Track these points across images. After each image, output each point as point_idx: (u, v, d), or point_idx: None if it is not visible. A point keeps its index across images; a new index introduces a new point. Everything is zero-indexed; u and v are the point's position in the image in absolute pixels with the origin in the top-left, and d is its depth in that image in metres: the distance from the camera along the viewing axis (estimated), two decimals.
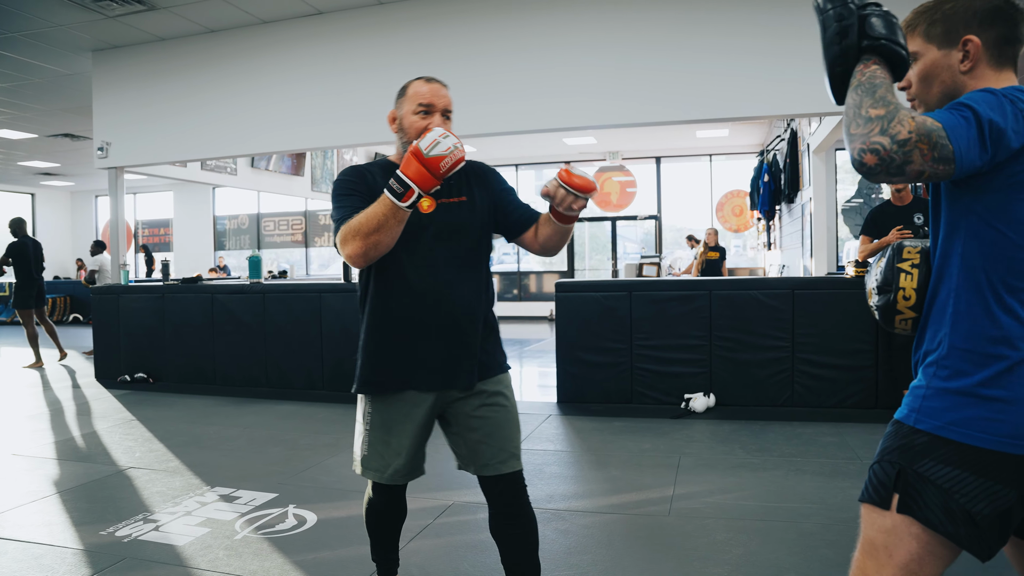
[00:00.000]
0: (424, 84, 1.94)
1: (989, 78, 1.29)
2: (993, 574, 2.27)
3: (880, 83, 1.19)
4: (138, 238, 16.25)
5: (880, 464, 1.29)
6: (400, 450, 1.95)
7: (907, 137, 1.10)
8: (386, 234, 1.73)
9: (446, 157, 1.65)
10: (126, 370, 6.73)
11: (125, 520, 3.14)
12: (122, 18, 6.34)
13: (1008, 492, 1.18)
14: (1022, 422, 1.17)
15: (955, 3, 1.30)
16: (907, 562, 1.23)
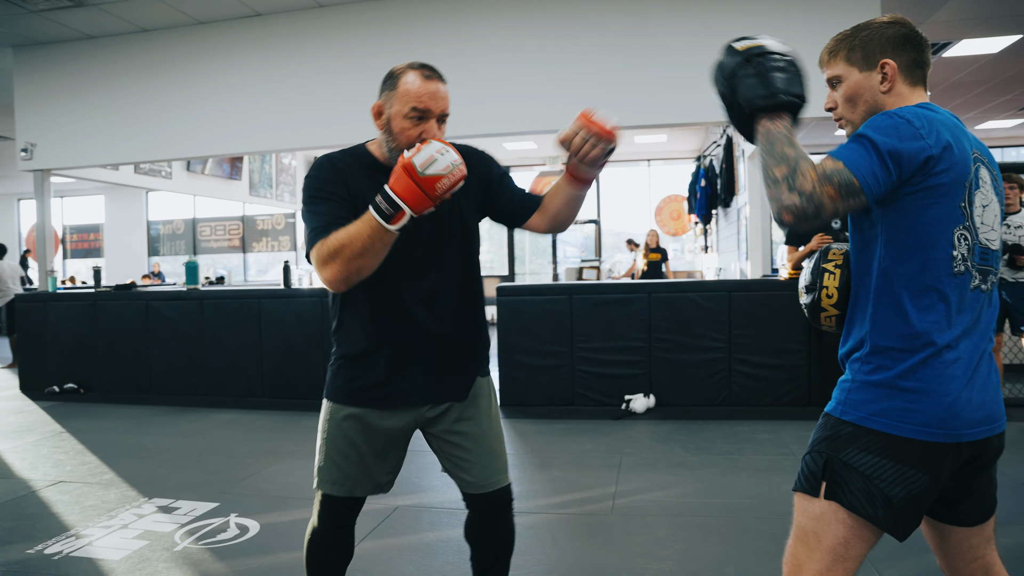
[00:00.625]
0: (421, 80, 1.66)
1: (905, 96, 1.43)
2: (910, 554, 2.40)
3: (775, 139, 1.32)
4: (66, 243, 15.64)
5: (811, 455, 1.39)
6: (360, 463, 1.77)
7: (812, 189, 1.24)
8: (372, 258, 1.53)
9: (444, 178, 1.44)
10: (54, 381, 6.47)
11: (55, 536, 3.04)
12: (46, 13, 6.11)
13: (921, 476, 1.29)
14: (934, 412, 1.29)
15: (870, 31, 1.44)
16: (834, 546, 1.33)
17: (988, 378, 1.36)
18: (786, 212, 1.26)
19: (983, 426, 1.33)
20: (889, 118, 1.30)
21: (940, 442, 1.29)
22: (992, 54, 7.75)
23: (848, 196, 1.26)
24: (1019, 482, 3.52)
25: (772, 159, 1.30)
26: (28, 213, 17.09)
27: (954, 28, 6.90)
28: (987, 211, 1.37)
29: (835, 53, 1.48)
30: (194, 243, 14.38)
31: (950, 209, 1.30)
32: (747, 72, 1.38)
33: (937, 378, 1.29)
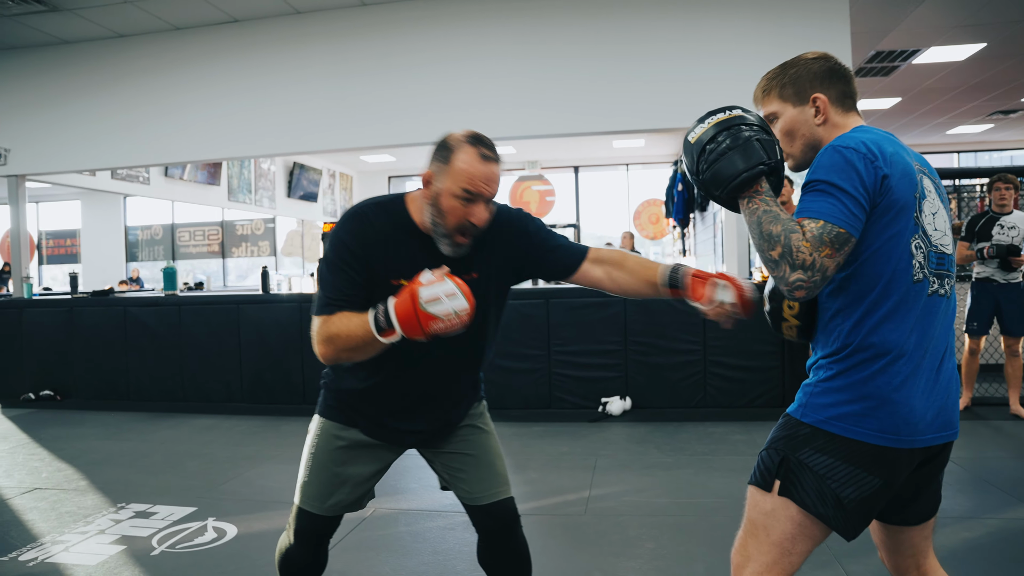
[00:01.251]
0: (480, 162, 1.60)
1: (839, 124, 1.49)
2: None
3: (760, 215, 1.36)
4: (43, 249, 15.48)
5: (768, 451, 1.45)
6: (347, 481, 1.80)
7: (810, 258, 1.29)
8: (361, 355, 1.57)
9: (440, 320, 1.44)
10: (30, 388, 6.43)
11: (30, 543, 3.04)
12: (20, 18, 6.09)
13: (873, 479, 1.35)
14: (890, 419, 1.34)
15: (798, 68, 1.51)
16: (781, 540, 1.39)
17: (947, 385, 1.41)
18: (798, 291, 1.30)
19: (939, 433, 1.38)
20: (837, 153, 1.34)
21: (894, 447, 1.34)
22: (959, 61, 7.93)
23: (842, 246, 1.30)
24: (981, 478, 3.62)
25: (765, 243, 1.33)
26: (3, 219, 16.90)
27: (922, 36, 7.06)
28: (937, 218, 1.42)
29: (768, 91, 1.54)
30: (173, 248, 14.28)
31: (905, 221, 1.36)
32: (715, 155, 1.40)
33: (894, 386, 1.34)
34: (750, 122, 1.42)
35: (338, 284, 1.63)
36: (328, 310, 1.60)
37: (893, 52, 7.55)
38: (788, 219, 1.33)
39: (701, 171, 1.42)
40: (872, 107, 10.15)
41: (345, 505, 1.82)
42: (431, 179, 1.66)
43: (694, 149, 1.43)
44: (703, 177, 1.42)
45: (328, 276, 1.64)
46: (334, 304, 1.60)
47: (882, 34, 6.95)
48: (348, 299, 1.61)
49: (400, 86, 6.06)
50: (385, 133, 6.17)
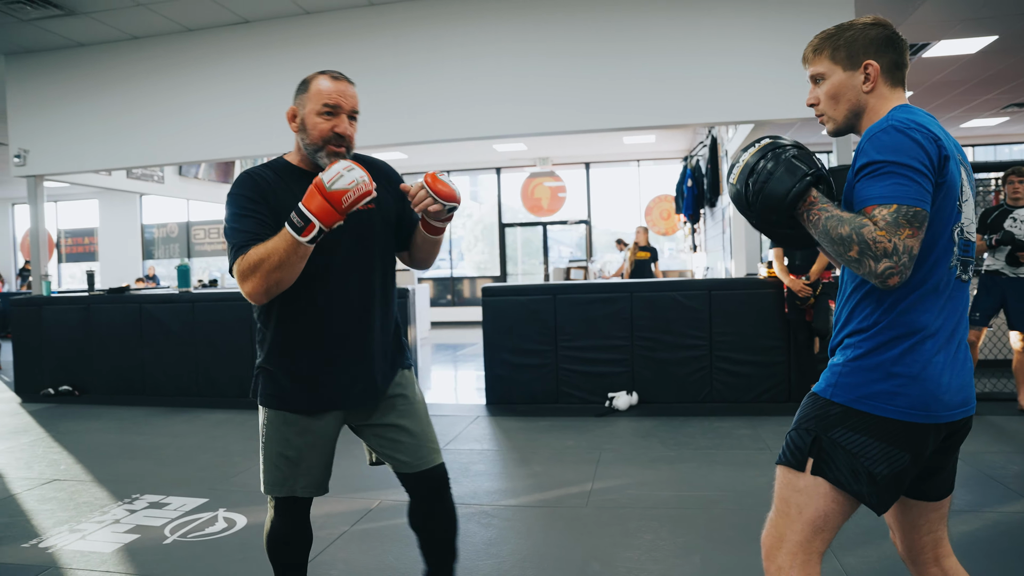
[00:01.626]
0: (330, 81, 1.80)
1: (886, 96, 1.49)
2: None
3: (824, 223, 1.38)
4: (61, 247, 15.71)
5: (797, 431, 1.48)
6: (300, 463, 1.87)
7: (891, 244, 1.29)
8: (288, 271, 1.65)
9: (349, 191, 1.56)
10: (50, 383, 6.58)
11: (49, 532, 3.15)
12: (38, 22, 6.21)
13: (903, 455, 1.39)
14: (919, 396, 1.38)
15: (854, 31, 1.49)
16: (815, 518, 1.43)
17: (965, 363, 1.45)
18: (889, 276, 1.30)
19: (961, 408, 1.42)
20: (900, 134, 1.34)
21: (923, 423, 1.38)
22: (970, 54, 7.88)
23: (921, 225, 1.31)
24: (984, 473, 3.65)
25: (840, 247, 1.34)
26: (23, 218, 17.15)
27: (931, 29, 7.03)
28: (966, 205, 1.45)
29: (819, 51, 1.52)
30: (188, 246, 14.46)
31: (952, 206, 1.39)
32: (757, 185, 1.43)
33: (924, 364, 1.38)
34: (782, 144, 1.45)
35: (245, 227, 1.72)
36: (243, 251, 1.69)
37: None
38: (852, 217, 1.35)
39: (752, 203, 1.45)
40: None
41: (304, 487, 1.89)
42: (296, 112, 1.84)
43: (740, 188, 1.47)
44: (756, 206, 1.45)
45: (235, 225, 1.74)
46: (246, 245, 1.69)
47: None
48: (258, 236, 1.70)
49: (410, 85, 6.12)
50: (396, 131, 6.23)
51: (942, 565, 1.55)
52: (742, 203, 1.48)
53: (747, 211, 1.49)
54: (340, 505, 3.37)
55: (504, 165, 13.92)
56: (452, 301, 14.30)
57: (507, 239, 14.18)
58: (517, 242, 14.47)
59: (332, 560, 2.79)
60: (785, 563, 1.44)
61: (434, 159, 13.48)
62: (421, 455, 1.93)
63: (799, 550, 1.43)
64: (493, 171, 14.13)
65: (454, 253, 14.54)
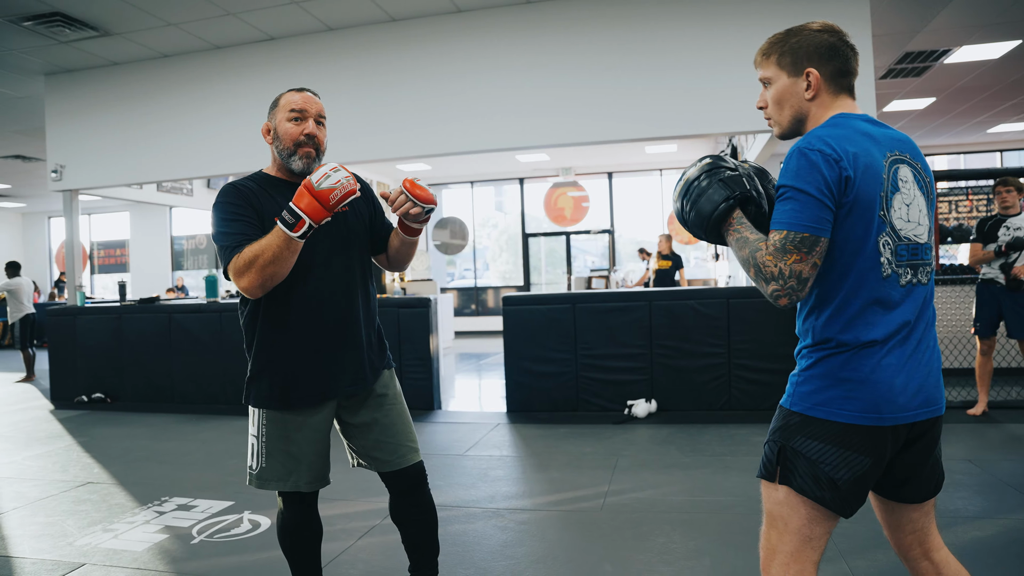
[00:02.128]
0: (295, 93, 2.00)
1: (827, 104, 1.52)
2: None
3: (734, 244, 1.48)
4: (94, 259, 16.10)
5: (768, 444, 1.52)
6: (302, 459, 1.97)
7: (777, 268, 1.38)
8: (282, 265, 1.77)
9: (335, 190, 1.71)
10: (83, 391, 6.79)
11: (84, 531, 3.29)
12: (75, 43, 6.46)
13: (863, 459, 1.41)
14: (870, 397, 1.41)
15: (800, 38, 1.53)
16: (800, 527, 1.45)
17: (927, 364, 1.46)
18: (777, 298, 1.39)
19: (920, 409, 1.44)
20: (802, 156, 1.39)
21: (878, 426, 1.40)
22: (993, 59, 7.84)
23: (811, 249, 1.37)
24: (998, 479, 3.65)
25: (743, 266, 1.45)
26: (58, 230, 17.61)
27: (952, 35, 7.02)
28: (911, 209, 1.47)
29: (768, 55, 1.57)
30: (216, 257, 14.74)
31: (870, 219, 1.41)
32: (695, 194, 1.52)
33: (872, 367, 1.41)
34: (719, 165, 1.52)
35: (236, 230, 1.85)
36: (237, 250, 1.81)
37: (923, 52, 7.50)
38: (755, 239, 1.43)
39: (686, 219, 1.55)
40: (906, 108, 10.04)
41: (308, 481, 2.00)
42: (269, 127, 2.01)
43: (677, 204, 1.56)
44: (689, 223, 1.55)
45: (225, 229, 1.87)
46: (239, 245, 1.82)
47: (910, 35, 6.92)
48: (249, 237, 1.83)
49: (433, 97, 6.25)
50: (419, 143, 6.36)
51: (932, 559, 1.57)
52: (680, 218, 1.57)
53: (684, 226, 1.57)
54: (361, 507, 3.47)
55: (527, 175, 14.02)
56: (476, 311, 14.40)
57: (531, 249, 14.27)
58: (541, 252, 14.54)
59: (352, 560, 2.89)
60: (779, 574, 1.47)
61: (457, 170, 13.63)
62: (400, 453, 2.05)
63: (791, 560, 1.46)
64: (516, 181, 14.23)
65: (479, 263, 14.66)
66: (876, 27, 6.46)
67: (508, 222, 14.92)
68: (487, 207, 15.16)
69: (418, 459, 2.09)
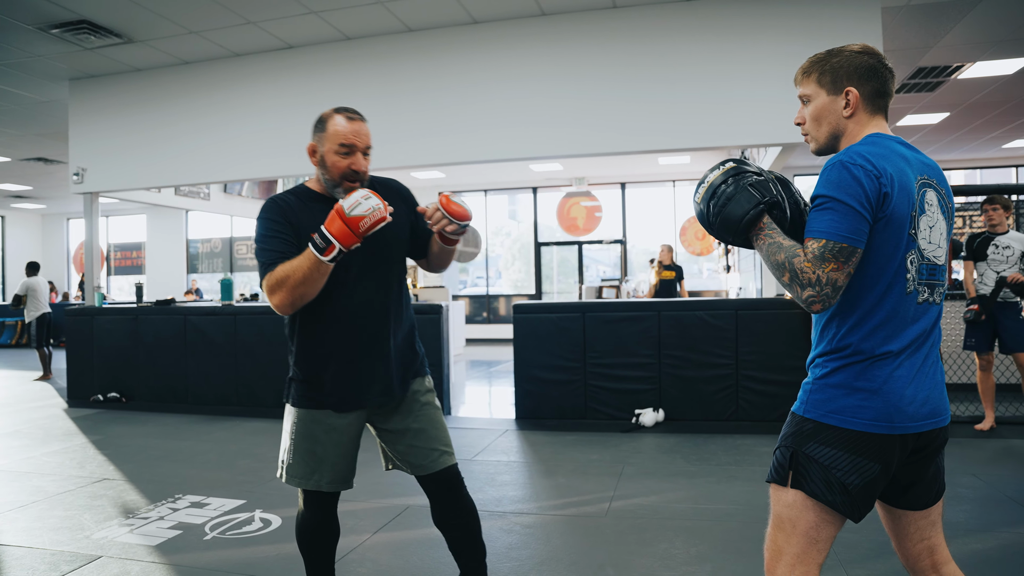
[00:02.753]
0: (345, 121, 1.96)
1: (864, 123, 1.58)
2: None
3: (767, 248, 1.52)
4: (111, 261, 16.31)
5: (780, 449, 1.57)
6: (325, 459, 2.03)
7: (815, 275, 1.43)
8: (311, 286, 1.83)
9: (365, 218, 1.75)
10: (99, 390, 6.91)
11: (100, 525, 3.37)
12: (100, 50, 6.60)
13: (873, 465, 1.47)
14: (882, 408, 1.47)
15: (841, 58, 1.59)
16: (807, 529, 1.51)
17: (933, 377, 1.52)
18: (812, 304, 1.44)
19: (927, 420, 1.49)
20: (844, 169, 1.44)
21: (888, 434, 1.46)
22: (1007, 75, 7.85)
23: (848, 259, 1.42)
24: (1001, 492, 3.67)
25: (776, 271, 1.49)
26: (76, 232, 17.86)
27: (965, 51, 7.04)
28: (933, 231, 1.52)
29: (808, 73, 1.62)
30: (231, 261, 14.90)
31: (900, 236, 1.48)
32: (717, 206, 1.56)
33: (884, 379, 1.47)
34: (744, 170, 1.57)
35: (273, 247, 1.92)
36: (271, 267, 1.89)
37: (936, 68, 7.52)
38: (790, 245, 1.48)
39: (712, 222, 1.59)
40: (920, 122, 10.05)
41: (330, 482, 2.05)
42: (315, 148, 2.01)
43: (703, 208, 1.59)
44: (715, 226, 1.58)
45: (263, 246, 1.94)
46: (274, 263, 1.89)
47: (923, 50, 6.96)
48: (284, 255, 1.90)
49: (448, 106, 6.35)
50: (433, 151, 6.45)
51: (940, 572, 1.61)
52: (703, 221, 1.61)
53: (708, 228, 1.61)
54: (371, 507, 3.54)
55: (541, 185, 14.10)
56: (488, 319, 14.47)
57: (543, 258, 14.34)
58: (553, 261, 14.61)
59: (361, 559, 2.95)
60: (785, 574, 1.52)
61: (472, 179, 13.75)
62: (434, 457, 2.08)
63: (797, 562, 1.51)
64: (530, 190, 14.32)
65: (491, 271, 14.73)
66: (889, 42, 6.50)
67: (521, 231, 15.00)
68: (500, 215, 15.24)
69: (452, 462, 2.11)
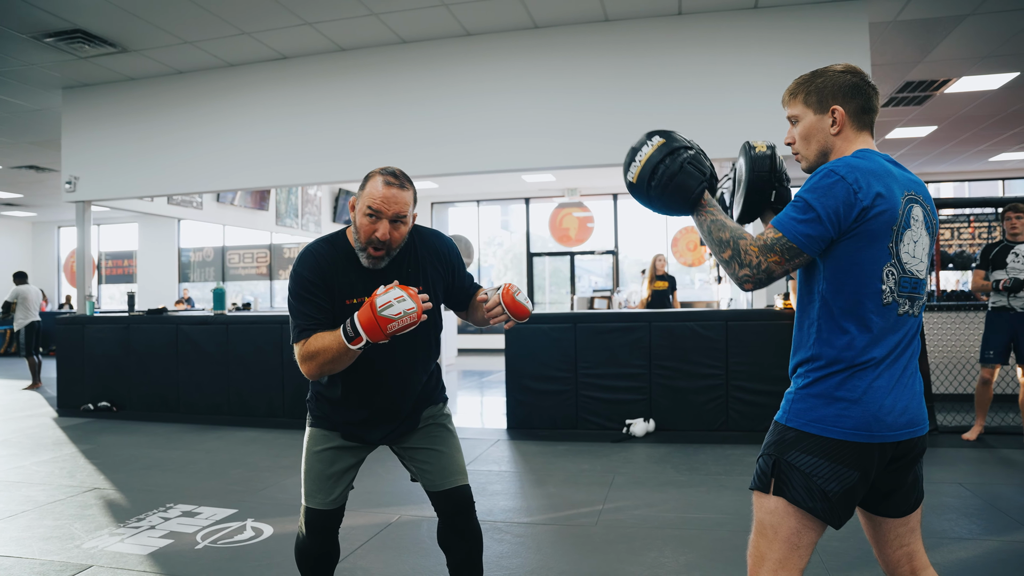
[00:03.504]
0: (381, 186, 1.90)
1: (851, 139, 1.63)
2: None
3: (709, 225, 1.61)
4: (102, 269, 16.25)
5: (763, 457, 1.62)
6: (334, 482, 2.09)
7: (758, 260, 1.52)
8: (338, 365, 1.85)
9: (394, 321, 1.73)
10: (90, 399, 6.88)
11: (90, 534, 3.37)
12: (94, 59, 6.62)
13: (852, 473, 1.51)
14: (861, 417, 1.51)
15: (825, 78, 1.64)
16: (789, 535, 1.55)
17: (912, 387, 1.56)
18: (745, 282, 1.54)
19: (906, 429, 1.54)
20: (827, 177, 1.49)
21: (867, 443, 1.50)
22: (993, 90, 7.96)
23: (792, 257, 1.51)
24: (988, 503, 3.71)
25: (716, 247, 1.57)
26: (67, 240, 17.79)
27: (952, 66, 7.14)
28: (917, 246, 1.57)
29: (795, 95, 1.68)
30: (223, 270, 14.87)
31: (879, 250, 1.52)
32: (661, 180, 1.64)
33: (864, 389, 1.51)
34: (677, 145, 1.65)
35: (307, 311, 1.93)
36: (305, 335, 1.90)
37: (924, 82, 7.63)
38: (734, 227, 1.56)
39: (652, 196, 1.66)
40: (908, 135, 10.16)
41: (335, 499, 2.09)
42: (354, 204, 1.98)
43: (644, 179, 1.65)
44: (657, 201, 1.66)
45: (297, 306, 1.94)
46: (308, 329, 1.90)
47: (910, 65, 7.05)
48: (318, 322, 1.91)
49: (441, 117, 6.39)
50: (426, 162, 6.48)
51: (913, 566, 1.65)
52: (640, 195, 1.69)
53: (645, 203, 1.69)
54: (362, 519, 3.55)
55: (533, 195, 14.16)
56: (480, 329, 14.48)
57: (535, 268, 14.38)
58: (545, 271, 14.64)
59: (352, 568, 2.96)
60: None
61: (465, 189, 13.79)
62: (447, 475, 2.13)
63: (779, 567, 1.55)
64: (522, 201, 14.38)
65: (483, 281, 14.75)
66: (877, 56, 6.59)
67: (513, 241, 15.04)
68: (493, 226, 15.29)
69: (465, 482, 2.14)
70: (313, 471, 2.09)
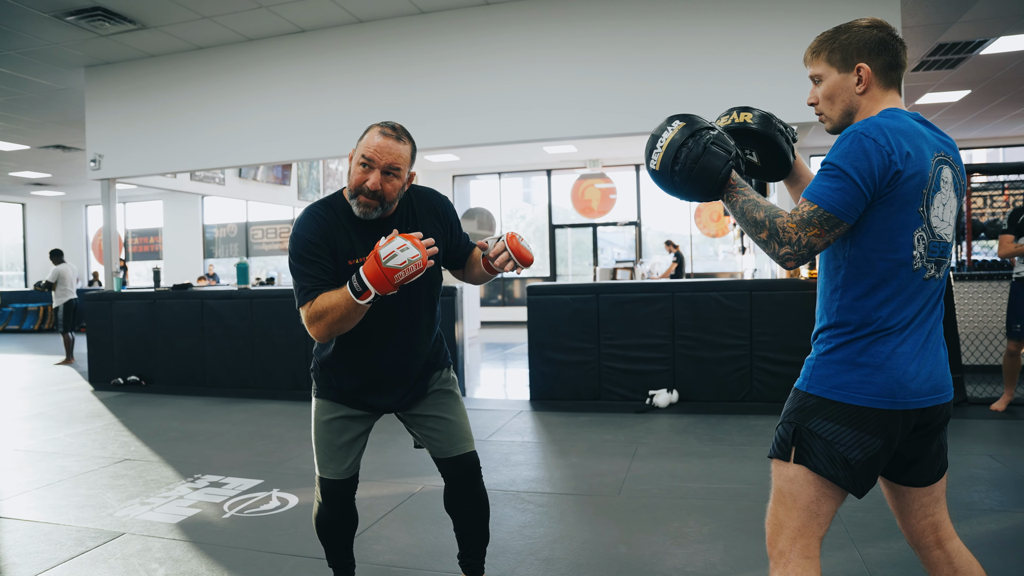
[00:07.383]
0: (377, 136, 1.90)
1: (878, 98, 1.56)
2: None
3: (742, 205, 1.54)
4: (128, 246, 16.47)
5: (782, 425, 1.58)
6: (344, 451, 2.10)
7: (797, 236, 1.45)
8: (348, 323, 1.84)
9: (400, 270, 1.72)
10: (119, 373, 7.01)
11: (122, 503, 3.44)
12: (114, 36, 6.64)
13: (875, 441, 1.48)
14: (885, 384, 1.47)
15: (850, 34, 1.56)
16: (808, 503, 1.52)
17: (936, 353, 1.52)
18: (789, 261, 1.46)
19: (930, 396, 1.49)
20: (857, 140, 1.42)
21: (891, 409, 1.46)
22: None
23: (832, 228, 1.44)
24: (1021, 475, 3.65)
25: (752, 228, 1.50)
26: (95, 218, 18.04)
27: (988, 26, 6.91)
28: (945, 209, 1.51)
29: (817, 53, 1.60)
30: (247, 245, 14.99)
31: (910, 215, 1.46)
32: (689, 158, 1.56)
33: (887, 355, 1.47)
34: (699, 127, 1.58)
35: (311, 272, 1.90)
36: (310, 296, 1.87)
37: (957, 44, 7.39)
38: (768, 205, 1.50)
39: (677, 181, 1.59)
40: (939, 100, 9.89)
41: (348, 467, 2.11)
42: (351, 155, 1.96)
43: (666, 164, 1.59)
44: (683, 185, 1.58)
45: (301, 268, 1.91)
46: (313, 291, 1.88)
47: (944, 27, 6.83)
48: (323, 282, 1.89)
49: (462, 89, 6.34)
50: (448, 134, 6.45)
51: (945, 548, 1.62)
52: (666, 183, 1.62)
53: (669, 189, 1.62)
54: (386, 488, 3.59)
55: (555, 167, 14.06)
56: (503, 301, 14.50)
57: (558, 240, 14.32)
58: (568, 243, 14.58)
59: (376, 536, 3.00)
60: (786, 547, 1.53)
61: (486, 161, 13.72)
62: (454, 442, 2.14)
63: (798, 535, 1.52)
64: (544, 173, 14.28)
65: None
66: (908, 18, 6.40)
67: (536, 213, 14.97)
68: (515, 198, 15.22)
69: (472, 449, 2.16)
70: (323, 441, 2.10)
